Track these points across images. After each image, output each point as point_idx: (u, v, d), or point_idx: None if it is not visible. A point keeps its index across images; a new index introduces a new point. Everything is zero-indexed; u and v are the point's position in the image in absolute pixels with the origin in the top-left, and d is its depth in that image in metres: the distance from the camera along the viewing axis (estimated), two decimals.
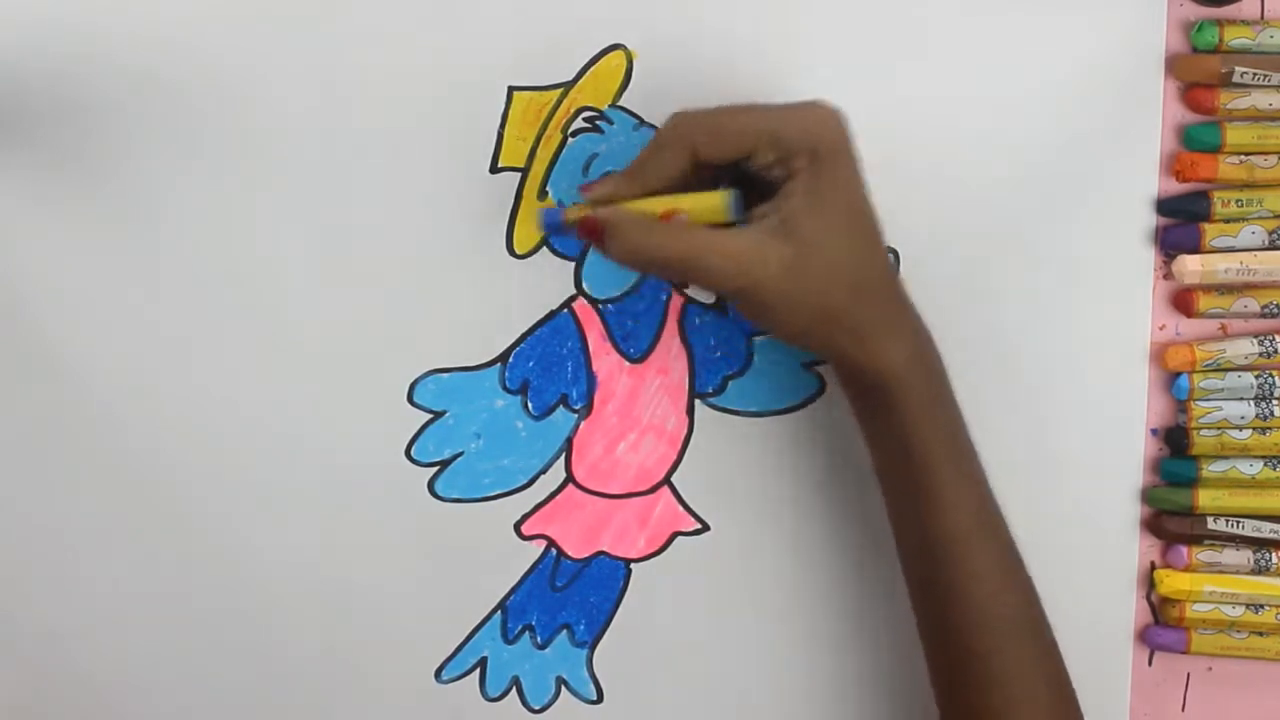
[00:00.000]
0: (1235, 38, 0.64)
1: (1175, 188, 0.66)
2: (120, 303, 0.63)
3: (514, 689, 0.68)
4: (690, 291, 0.65)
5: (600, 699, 0.68)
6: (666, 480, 0.67)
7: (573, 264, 0.65)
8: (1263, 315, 0.66)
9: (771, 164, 0.56)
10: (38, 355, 0.63)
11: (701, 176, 0.57)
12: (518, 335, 0.65)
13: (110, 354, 0.63)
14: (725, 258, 0.55)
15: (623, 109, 0.63)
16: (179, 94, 0.61)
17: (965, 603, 0.59)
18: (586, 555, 0.67)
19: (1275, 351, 0.66)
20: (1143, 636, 0.69)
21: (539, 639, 0.67)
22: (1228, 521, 0.67)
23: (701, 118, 0.57)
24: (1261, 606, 0.67)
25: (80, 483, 0.64)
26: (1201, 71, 0.64)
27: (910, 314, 0.59)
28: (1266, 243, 0.65)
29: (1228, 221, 0.65)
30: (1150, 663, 0.69)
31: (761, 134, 0.56)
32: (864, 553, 0.67)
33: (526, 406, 0.65)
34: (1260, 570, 0.67)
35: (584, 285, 0.65)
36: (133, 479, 0.65)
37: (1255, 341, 0.66)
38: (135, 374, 0.64)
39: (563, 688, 0.68)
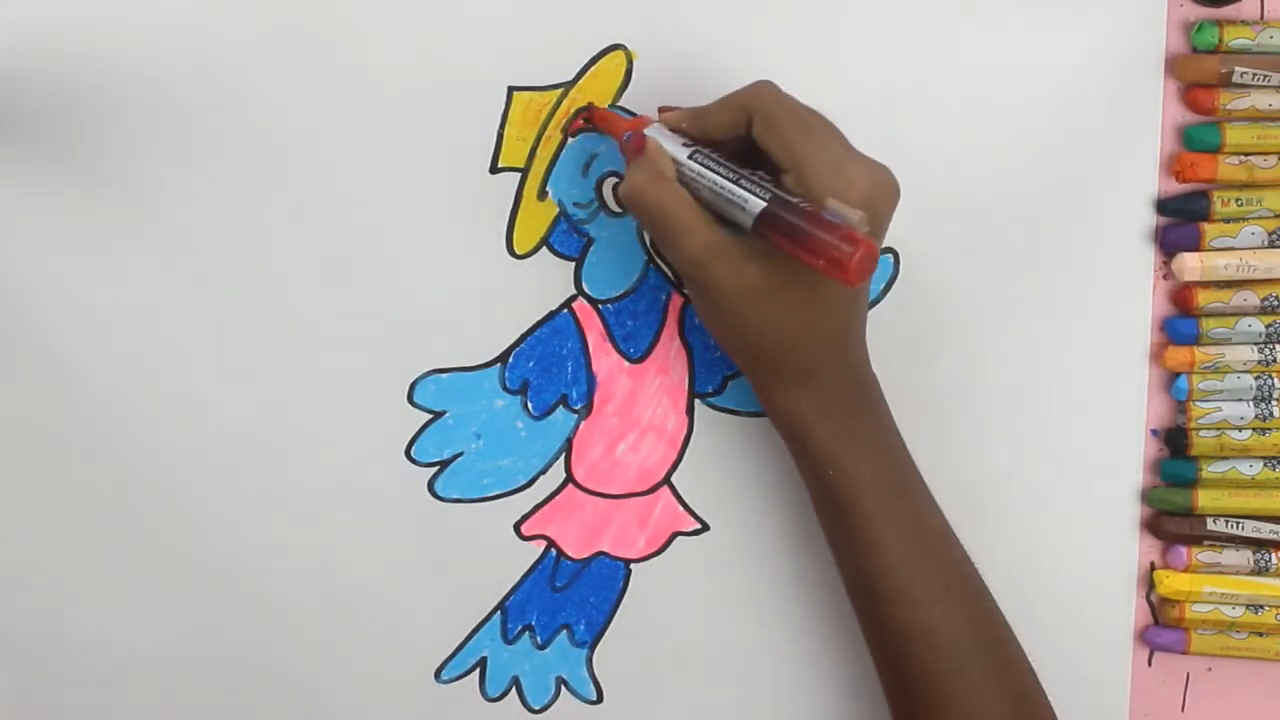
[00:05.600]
0: (1235, 38, 0.64)
1: (1175, 188, 0.66)
2: (119, 303, 0.63)
3: (514, 689, 0.68)
4: (689, 291, 0.65)
5: (600, 699, 0.68)
6: (666, 480, 0.67)
7: (572, 264, 0.65)
8: (1262, 310, 0.66)
9: (795, 194, 0.55)
10: (37, 356, 0.63)
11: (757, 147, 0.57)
12: (518, 335, 0.65)
13: (109, 354, 0.63)
14: (698, 245, 0.56)
15: (623, 109, 0.63)
16: (178, 95, 0.61)
17: (910, 631, 0.59)
18: (586, 555, 0.67)
19: (1274, 360, 0.66)
20: (1143, 636, 0.69)
21: (539, 639, 0.67)
22: (1227, 522, 0.67)
23: (771, 101, 0.57)
24: (1261, 607, 0.67)
25: (79, 483, 0.64)
26: (1201, 72, 0.64)
27: (848, 363, 0.59)
28: (1266, 242, 0.65)
29: (1227, 221, 0.66)
30: (1150, 663, 0.69)
31: (796, 161, 0.55)
32: None
33: (526, 407, 0.65)
34: (1260, 571, 0.67)
35: (584, 285, 0.65)
36: (131, 479, 0.65)
37: (1255, 349, 0.66)
38: (135, 374, 0.64)
39: (563, 688, 0.68)
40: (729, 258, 0.55)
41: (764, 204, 0.54)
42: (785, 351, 0.57)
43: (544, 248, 0.64)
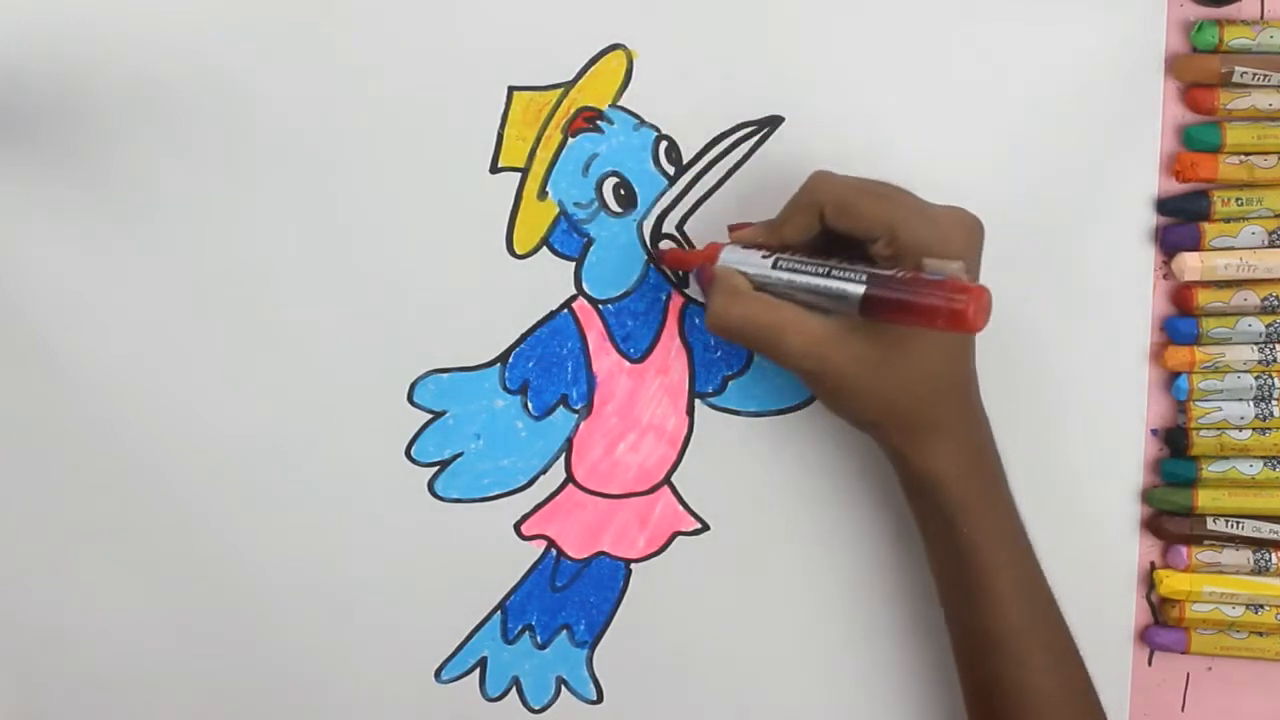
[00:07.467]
0: (1235, 38, 0.64)
1: (1175, 188, 0.66)
2: (119, 303, 0.63)
3: (514, 689, 0.68)
4: (690, 291, 0.65)
5: (600, 699, 0.68)
6: (666, 480, 0.67)
7: (573, 264, 0.65)
8: (1262, 309, 0.66)
9: (886, 257, 0.56)
10: (37, 355, 0.63)
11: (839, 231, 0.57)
12: (518, 335, 0.65)
13: (110, 354, 0.63)
14: (803, 338, 0.56)
15: (623, 109, 0.63)
16: (178, 95, 0.61)
17: (1019, 692, 0.59)
18: (586, 555, 0.67)
19: (1274, 360, 0.66)
20: (1143, 636, 0.69)
21: (539, 639, 0.67)
22: (1227, 522, 0.67)
23: (837, 188, 0.57)
24: (1261, 607, 0.67)
25: (80, 483, 0.65)
26: (1201, 71, 0.64)
27: (976, 417, 0.60)
28: (1266, 242, 0.65)
29: (1228, 221, 0.65)
30: (1150, 663, 0.69)
31: (885, 228, 0.56)
32: (863, 552, 0.67)
33: (526, 407, 0.65)
34: (1260, 570, 0.67)
35: (584, 285, 0.65)
36: (132, 479, 0.65)
37: (1255, 349, 0.66)
38: (135, 374, 0.64)
39: (563, 688, 0.68)
40: (838, 339, 0.56)
41: (863, 288, 0.54)
42: (916, 411, 0.57)
43: (544, 248, 0.64)
